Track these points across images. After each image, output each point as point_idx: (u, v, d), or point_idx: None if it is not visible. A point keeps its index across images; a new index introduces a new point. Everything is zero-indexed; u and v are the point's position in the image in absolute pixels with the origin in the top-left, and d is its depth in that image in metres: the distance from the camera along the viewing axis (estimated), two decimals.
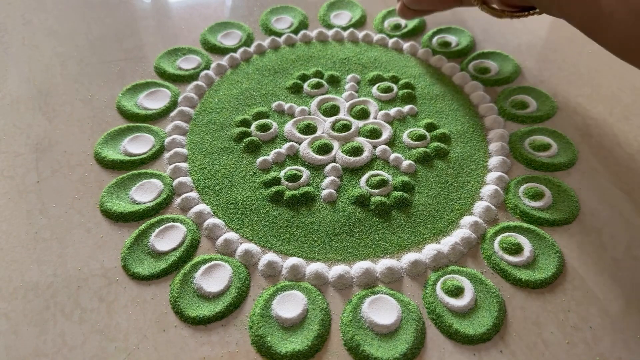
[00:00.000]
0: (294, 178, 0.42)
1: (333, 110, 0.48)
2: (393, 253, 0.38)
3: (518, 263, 0.37)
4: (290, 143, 0.45)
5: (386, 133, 0.46)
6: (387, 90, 0.49)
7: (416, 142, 0.45)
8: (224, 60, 0.53)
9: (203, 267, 0.36)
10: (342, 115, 0.47)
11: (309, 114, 0.48)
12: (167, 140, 0.45)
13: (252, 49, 0.54)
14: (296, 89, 0.50)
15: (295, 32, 0.56)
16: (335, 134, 0.45)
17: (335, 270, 0.36)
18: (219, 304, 0.35)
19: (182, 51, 0.54)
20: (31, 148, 0.45)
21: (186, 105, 0.48)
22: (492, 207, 0.40)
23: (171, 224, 0.39)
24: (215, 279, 0.36)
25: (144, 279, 0.36)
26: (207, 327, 0.34)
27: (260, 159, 0.43)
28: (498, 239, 0.38)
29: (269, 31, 0.57)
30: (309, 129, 0.46)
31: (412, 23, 0.57)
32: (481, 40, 0.56)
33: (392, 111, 0.47)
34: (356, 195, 0.41)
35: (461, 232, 0.39)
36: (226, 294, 0.35)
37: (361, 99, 0.49)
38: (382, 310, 0.34)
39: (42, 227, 0.39)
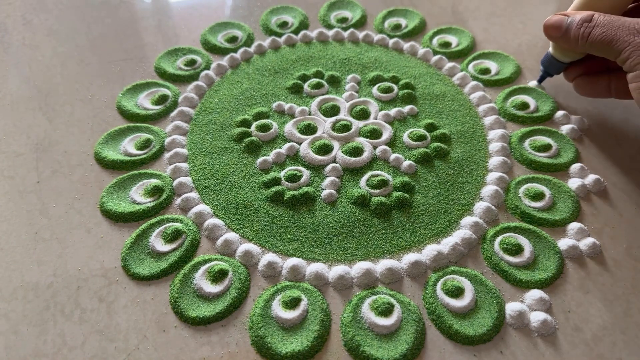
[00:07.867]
0: (294, 178, 0.42)
1: (333, 111, 0.48)
2: (393, 253, 0.38)
3: (518, 264, 0.37)
4: (291, 143, 0.45)
5: (386, 133, 0.46)
6: (388, 90, 0.49)
7: (416, 143, 0.45)
8: (224, 61, 0.53)
9: (203, 268, 0.36)
10: (343, 115, 0.47)
11: (309, 114, 0.48)
12: (168, 140, 0.45)
13: (252, 49, 0.54)
14: (296, 89, 0.50)
15: (296, 32, 0.56)
16: (335, 134, 0.45)
17: (335, 271, 0.36)
18: (219, 305, 0.35)
19: (182, 51, 0.54)
20: (31, 148, 0.45)
21: (186, 105, 0.48)
22: (493, 207, 0.40)
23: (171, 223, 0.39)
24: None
25: (144, 279, 0.36)
26: (207, 327, 0.34)
27: (260, 159, 0.43)
28: (498, 239, 0.38)
29: (270, 31, 0.57)
30: (309, 129, 0.46)
31: (412, 23, 0.57)
32: (481, 40, 0.56)
33: (393, 111, 0.47)
34: (356, 196, 0.40)
35: (461, 233, 0.38)
36: (226, 295, 0.35)
37: (361, 99, 0.49)
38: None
39: (42, 227, 0.39)
